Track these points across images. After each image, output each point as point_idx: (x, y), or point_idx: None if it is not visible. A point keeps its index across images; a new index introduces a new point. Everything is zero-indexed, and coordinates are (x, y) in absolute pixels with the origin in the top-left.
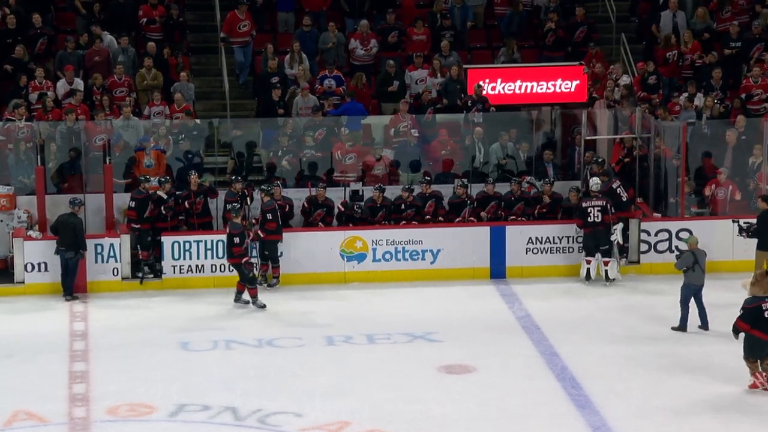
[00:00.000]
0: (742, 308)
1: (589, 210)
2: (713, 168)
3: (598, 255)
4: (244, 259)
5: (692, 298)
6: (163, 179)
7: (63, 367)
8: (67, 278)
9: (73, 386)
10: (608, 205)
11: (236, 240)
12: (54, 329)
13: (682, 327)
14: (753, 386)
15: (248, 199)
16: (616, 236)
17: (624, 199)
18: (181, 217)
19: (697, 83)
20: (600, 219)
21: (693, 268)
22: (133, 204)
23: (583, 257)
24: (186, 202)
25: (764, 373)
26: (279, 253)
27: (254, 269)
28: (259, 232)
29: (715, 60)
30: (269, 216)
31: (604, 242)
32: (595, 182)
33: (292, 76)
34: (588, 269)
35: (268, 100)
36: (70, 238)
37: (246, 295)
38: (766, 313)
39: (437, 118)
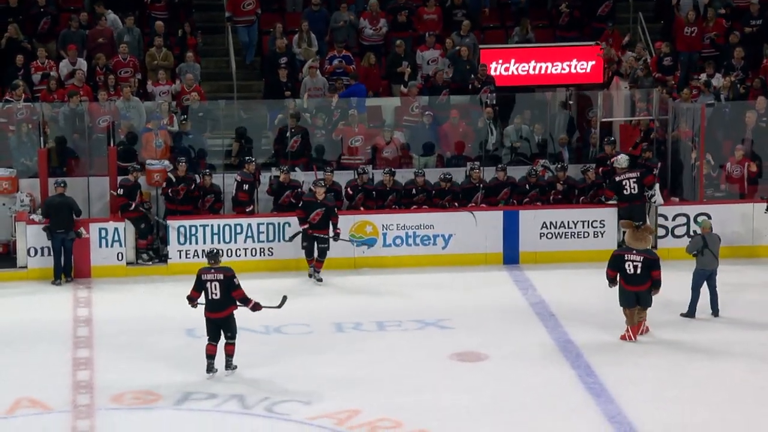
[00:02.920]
0: (611, 256)
1: (624, 183)
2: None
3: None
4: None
5: (705, 283)
6: (179, 160)
7: (66, 353)
8: (67, 260)
9: (77, 373)
10: (644, 173)
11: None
12: (57, 315)
13: (690, 313)
14: (622, 337)
15: (257, 182)
16: (655, 194)
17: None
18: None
19: (717, 63)
20: (636, 191)
21: (702, 252)
22: (121, 191)
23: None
24: (194, 187)
25: (638, 325)
26: None
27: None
28: (337, 233)
29: (737, 40)
30: (336, 210)
31: (639, 217)
32: (623, 158)
33: (300, 56)
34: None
35: (275, 80)
36: (68, 219)
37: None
38: (626, 263)
39: (450, 100)
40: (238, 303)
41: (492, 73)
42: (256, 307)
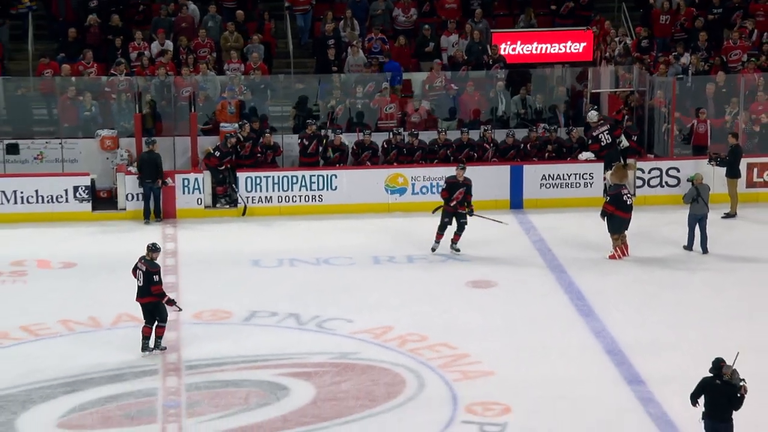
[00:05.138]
0: (608, 195)
1: (599, 136)
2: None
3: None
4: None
5: (697, 225)
6: (242, 123)
7: None
8: (156, 204)
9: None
10: (613, 126)
11: None
12: None
13: (689, 247)
14: (612, 257)
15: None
16: (622, 140)
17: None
18: (259, 155)
19: (685, 44)
20: (610, 140)
21: (696, 200)
22: (217, 153)
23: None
24: (258, 146)
25: (623, 246)
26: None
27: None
28: (472, 209)
29: (702, 25)
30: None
31: (617, 160)
32: (593, 114)
33: (345, 38)
34: (605, 184)
35: (324, 58)
36: (154, 172)
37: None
38: (624, 197)
39: (469, 75)
40: (155, 295)
41: (502, 52)
42: (170, 302)
